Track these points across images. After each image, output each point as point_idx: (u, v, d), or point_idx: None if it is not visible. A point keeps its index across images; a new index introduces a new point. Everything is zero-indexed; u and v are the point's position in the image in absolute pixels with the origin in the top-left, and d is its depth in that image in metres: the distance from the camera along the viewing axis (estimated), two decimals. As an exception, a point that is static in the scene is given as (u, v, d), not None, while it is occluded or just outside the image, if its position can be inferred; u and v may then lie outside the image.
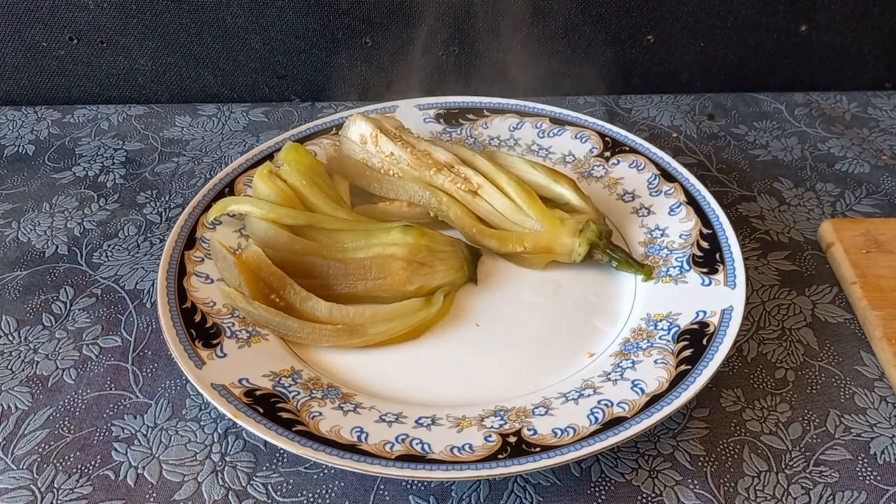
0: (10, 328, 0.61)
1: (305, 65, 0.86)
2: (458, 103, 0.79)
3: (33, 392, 0.57)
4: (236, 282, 0.59)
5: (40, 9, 0.81)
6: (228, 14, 0.82)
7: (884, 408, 0.55)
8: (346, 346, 0.57)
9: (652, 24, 0.84)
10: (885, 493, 0.50)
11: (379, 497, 0.50)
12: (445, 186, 0.65)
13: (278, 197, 0.63)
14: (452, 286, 0.62)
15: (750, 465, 0.52)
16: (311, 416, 0.50)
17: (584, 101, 0.88)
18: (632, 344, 0.56)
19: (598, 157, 0.73)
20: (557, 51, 0.85)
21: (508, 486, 0.51)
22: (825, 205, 0.73)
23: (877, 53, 0.87)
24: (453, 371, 0.56)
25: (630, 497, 0.50)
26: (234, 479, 0.51)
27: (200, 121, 0.85)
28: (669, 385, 0.51)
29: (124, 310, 0.63)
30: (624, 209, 0.68)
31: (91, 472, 0.51)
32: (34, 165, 0.79)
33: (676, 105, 0.87)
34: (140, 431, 0.54)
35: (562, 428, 0.49)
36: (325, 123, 0.76)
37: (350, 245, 0.61)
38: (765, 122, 0.85)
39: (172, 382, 0.57)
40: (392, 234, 0.61)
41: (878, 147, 0.80)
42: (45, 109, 0.87)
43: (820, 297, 0.64)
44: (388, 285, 0.60)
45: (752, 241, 0.69)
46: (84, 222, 0.72)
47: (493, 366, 0.56)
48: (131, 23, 0.83)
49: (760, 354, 0.59)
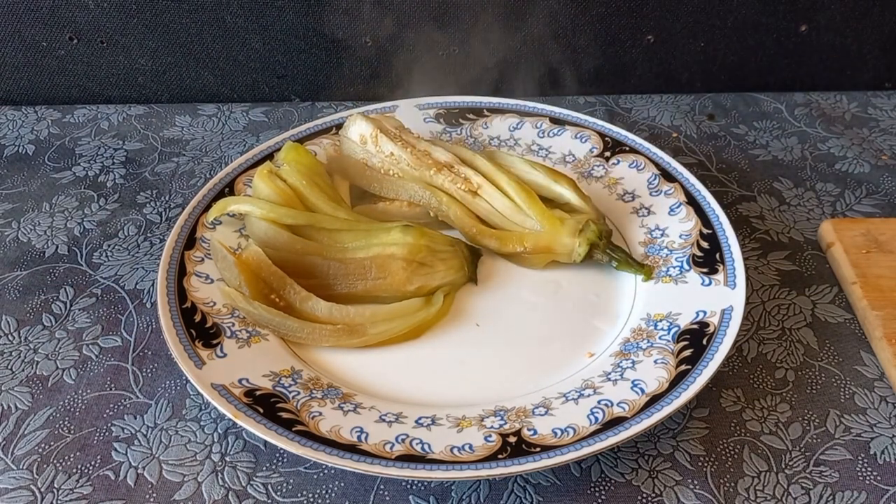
0: (10, 328, 0.61)
1: (305, 65, 0.86)
2: (458, 103, 0.79)
3: (33, 392, 0.57)
4: (236, 282, 0.59)
5: (40, 9, 0.81)
6: (228, 14, 0.82)
7: (884, 408, 0.55)
8: (346, 346, 0.57)
9: (652, 24, 0.84)
10: (885, 493, 0.50)
11: (379, 497, 0.50)
12: (445, 186, 0.65)
13: (278, 197, 0.63)
14: (452, 286, 0.62)
15: (750, 465, 0.52)
16: (311, 416, 0.50)
17: (584, 101, 0.88)
18: (632, 344, 0.56)
19: (598, 157, 0.73)
20: (557, 51, 0.85)
21: (508, 486, 0.51)
22: (825, 205, 0.73)
23: (877, 53, 0.87)
24: (453, 371, 0.56)
25: (630, 497, 0.50)
26: (234, 479, 0.51)
27: (200, 121, 0.85)
28: (669, 385, 0.51)
29: (124, 310, 0.63)
30: (624, 209, 0.68)
31: (91, 472, 0.51)
32: (34, 165, 0.79)
33: (676, 105, 0.87)
34: (140, 431, 0.54)
35: (562, 428, 0.49)
36: (325, 123, 0.76)
37: (350, 245, 0.61)
38: (765, 122, 0.85)
39: (172, 382, 0.57)
40: (392, 234, 0.61)
41: (878, 147, 0.80)
42: (45, 109, 0.87)
43: (820, 297, 0.64)
44: (388, 285, 0.60)
45: (752, 241, 0.69)
46: (84, 222, 0.72)
47: (493, 366, 0.56)
48: (131, 23, 0.83)
49: (760, 354, 0.59)
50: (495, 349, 0.58)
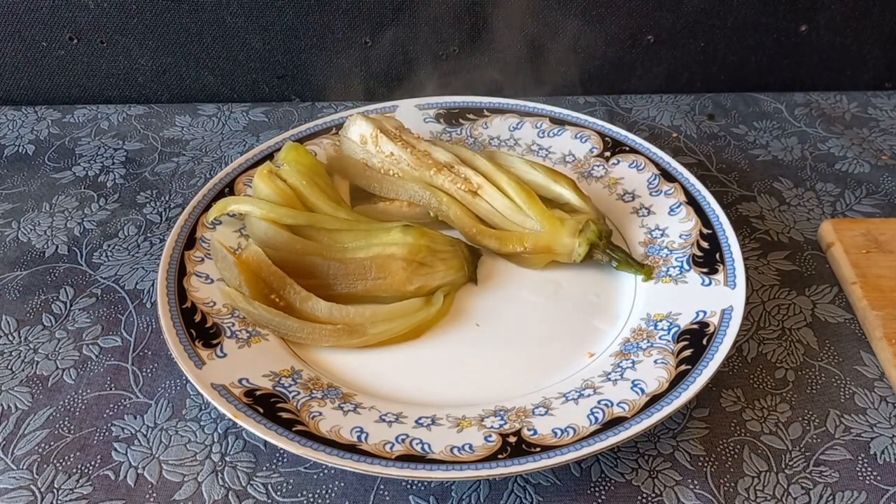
0: (10, 328, 0.61)
1: (305, 65, 0.86)
2: (458, 103, 0.79)
3: (33, 392, 0.57)
4: (236, 282, 0.59)
5: (40, 9, 0.81)
6: (228, 14, 0.82)
7: (884, 408, 0.55)
8: (346, 345, 0.57)
9: (652, 24, 0.84)
10: (885, 493, 0.50)
11: (379, 497, 0.50)
12: (445, 186, 0.65)
13: (278, 197, 0.63)
14: (452, 286, 0.62)
15: (750, 465, 0.52)
16: (311, 416, 0.50)
17: (584, 101, 0.88)
18: (632, 344, 0.56)
19: (598, 157, 0.73)
20: (557, 51, 0.85)
21: (508, 486, 0.51)
22: (825, 205, 0.73)
23: (877, 53, 0.87)
24: (453, 371, 0.56)
25: (630, 497, 0.50)
26: (234, 479, 0.51)
27: (200, 121, 0.85)
28: (669, 385, 0.51)
29: (124, 310, 0.63)
30: (624, 209, 0.68)
31: (91, 472, 0.51)
32: (34, 165, 0.79)
33: (676, 105, 0.87)
34: (140, 431, 0.54)
35: (562, 428, 0.49)
36: (325, 123, 0.76)
37: (350, 245, 0.61)
38: (765, 122, 0.85)
39: (172, 382, 0.57)
40: (392, 234, 0.61)
41: (878, 147, 0.80)
42: (45, 109, 0.87)
43: (820, 297, 0.64)
44: (388, 285, 0.60)
45: (752, 241, 0.69)
46: (84, 222, 0.72)
47: (493, 366, 0.56)
48: (131, 23, 0.83)
49: (760, 354, 0.59)
50: (495, 349, 0.58)
